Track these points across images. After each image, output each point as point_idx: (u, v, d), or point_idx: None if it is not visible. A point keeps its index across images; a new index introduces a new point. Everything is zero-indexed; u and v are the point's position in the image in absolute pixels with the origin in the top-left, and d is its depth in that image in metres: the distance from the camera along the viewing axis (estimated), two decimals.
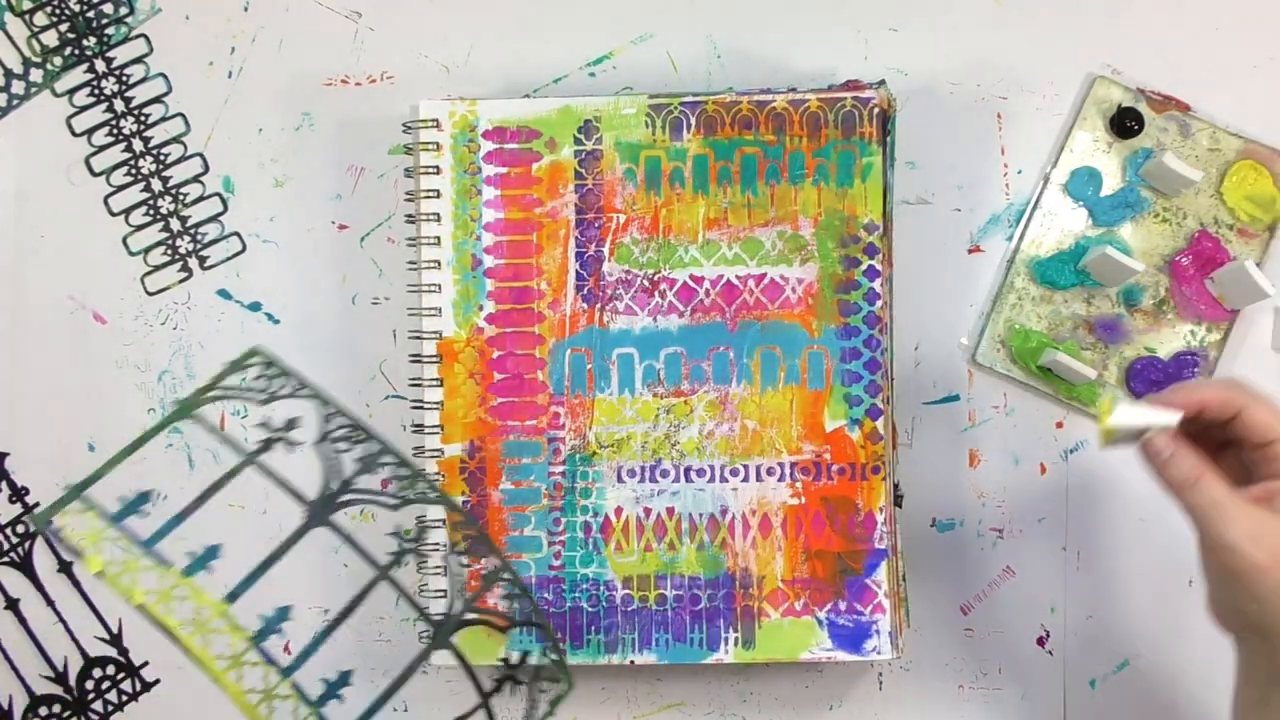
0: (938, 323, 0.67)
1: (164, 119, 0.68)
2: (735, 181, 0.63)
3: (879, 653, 0.62)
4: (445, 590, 0.63)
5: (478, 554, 0.59)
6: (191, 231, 0.68)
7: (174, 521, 0.51)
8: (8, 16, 0.69)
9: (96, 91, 0.68)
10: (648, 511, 0.63)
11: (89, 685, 0.67)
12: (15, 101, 0.69)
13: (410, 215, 0.66)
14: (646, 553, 0.63)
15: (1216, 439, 0.51)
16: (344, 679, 0.52)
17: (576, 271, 0.64)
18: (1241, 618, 0.50)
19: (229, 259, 0.68)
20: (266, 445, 0.54)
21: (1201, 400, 0.50)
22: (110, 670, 0.67)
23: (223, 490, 0.56)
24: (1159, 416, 0.50)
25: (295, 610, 0.66)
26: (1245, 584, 0.48)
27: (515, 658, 0.55)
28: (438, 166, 0.64)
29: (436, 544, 0.63)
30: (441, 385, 0.63)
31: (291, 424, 0.56)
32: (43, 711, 0.67)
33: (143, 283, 0.68)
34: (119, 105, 0.68)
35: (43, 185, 0.68)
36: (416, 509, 0.64)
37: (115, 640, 0.67)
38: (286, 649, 0.67)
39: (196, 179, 0.68)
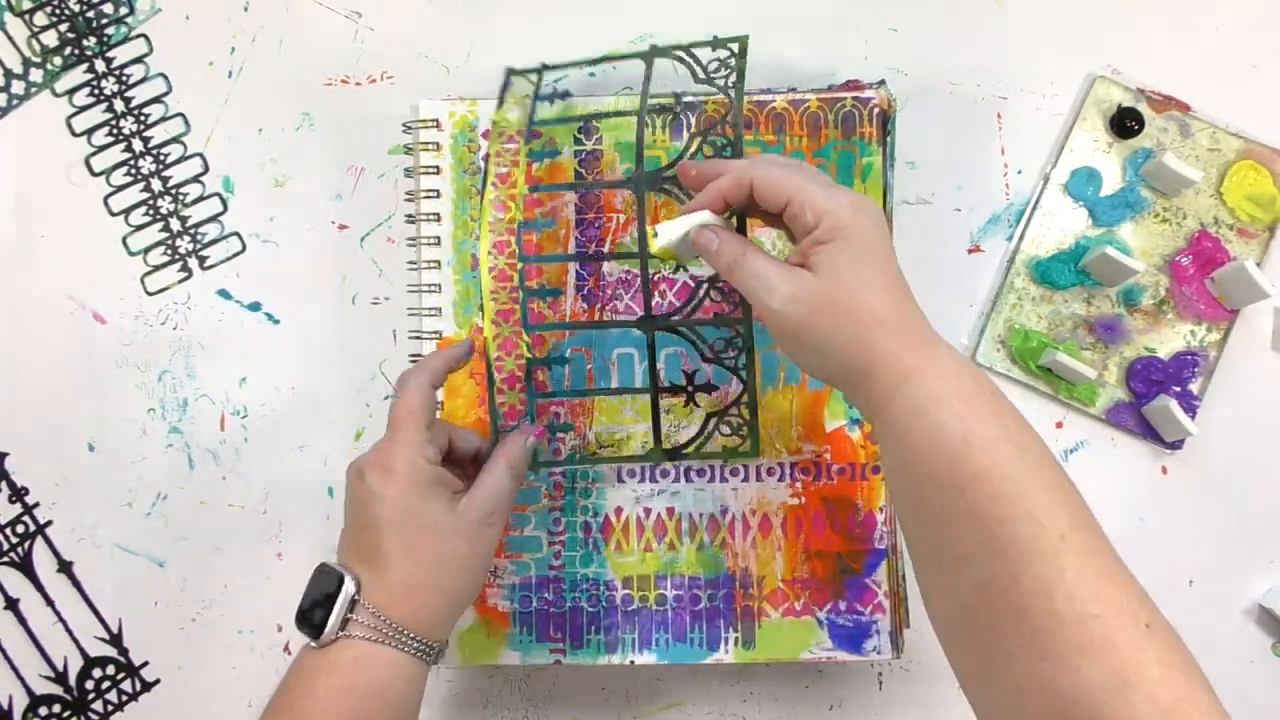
0: (938, 323, 0.66)
1: (164, 119, 0.68)
2: None
3: (879, 653, 0.62)
4: None
5: None
6: (191, 231, 0.68)
7: None
8: (8, 16, 0.69)
9: (96, 91, 0.68)
10: (648, 511, 0.63)
11: (89, 685, 0.67)
12: (15, 101, 0.69)
13: (410, 215, 0.66)
14: (646, 553, 0.63)
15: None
16: None
17: (576, 271, 0.64)
18: (816, 372, 0.51)
19: (229, 259, 0.68)
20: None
21: (720, 192, 0.51)
22: (110, 670, 0.67)
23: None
24: (694, 219, 0.52)
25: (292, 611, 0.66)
26: (799, 342, 0.49)
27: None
28: (438, 166, 0.64)
29: None
30: (442, 385, 0.63)
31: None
32: (43, 711, 0.67)
33: (143, 283, 0.68)
34: (119, 105, 0.68)
35: (43, 185, 0.68)
36: None
37: (115, 640, 0.67)
38: (286, 648, 0.67)
39: (196, 179, 0.68)
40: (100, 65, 0.68)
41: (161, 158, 0.68)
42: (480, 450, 0.59)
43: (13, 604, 0.68)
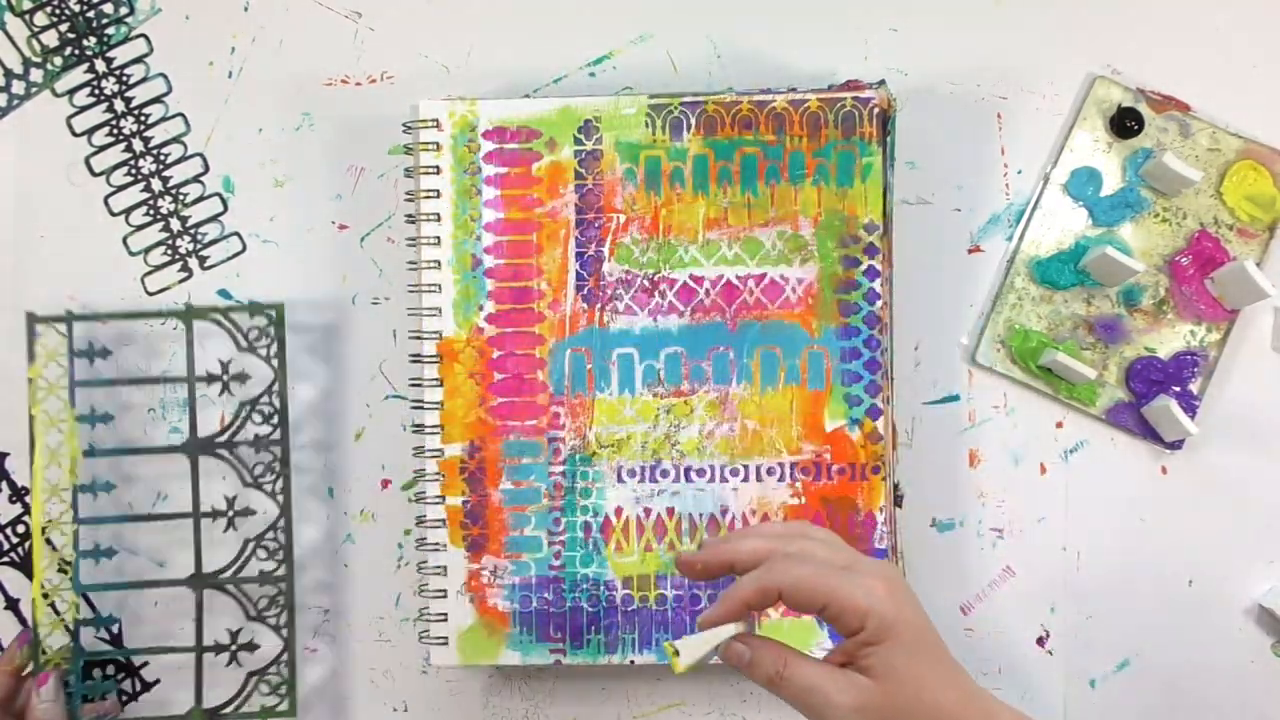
0: (938, 323, 0.67)
1: (164, 119, 0.68)
2: (735, 181, 0.63)
3: None
4: (445, 590, 0.63)
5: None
6: (191, 231, 0.68)
7: None
8: (8, 16, 0.69)
9: (96, 91, 0.68)
10: (648, 511, 0.63)
11: (88, 685, 0.67)
12: (15, 101, 0.69)
13: (410, 215, 0.66)
14: (646, 553, 0.63)
15: None
16: None
17: (576, 271, 0.64)
18: None
19: (229, 259, 0.68)
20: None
21: (743, 602, 0.47)
22: (110, 670, 0.67)
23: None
24: (719, 633, 0.48)
25: (300, 609, 0.66)
26: None
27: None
28: (437, 166, 0.64)
29: (437, 544, 0.63)
30: (441, 385, 0.63)
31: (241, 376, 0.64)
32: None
33: (143, 283, 0.68)
34: (119, 105, 0.68)
35: (43, 185, 0.68)
36: (416, 509, 0.64)
37: (115, 640, 0.67)
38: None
39: (196, 179, 0.68)
40: (100, 65, 0.68)
41: (161, 158, 0.68)
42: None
43: (13, 604, 0.68)
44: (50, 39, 0.68)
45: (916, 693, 0.46)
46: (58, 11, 0.68)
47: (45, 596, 0.64)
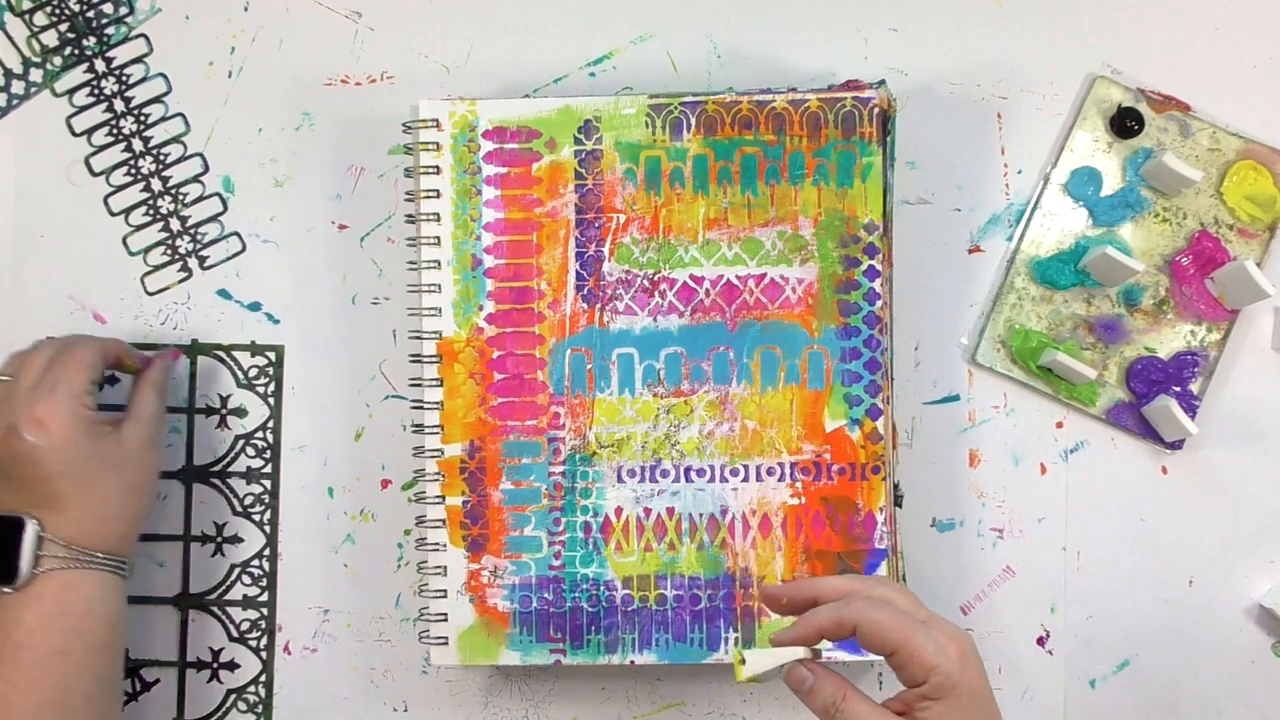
0: (938, 323, 0.67)
1: (164, 119, 0.68)
2: (735, 181, 0.63)
3: None
4: (445, 590, 0.63)
5: None
6: (191, 231, 0.68)
7: None
8: (8, 16, 0.69)
9: (96, 91, 0.68)
10: (648, 511, 0.63)
11: None
12: (15, 101, 0.69)
13: (410, 215, 0.66)
14: (646, 553, 0.63)
15: None
16: None
17: (576, 271, 0.64)
18: None
19: (229, 259, 0.68)
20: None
21: (818, 628, 0.49)
22: None
23: None
24: (788, 654, 0.49)
25: (292, 611, 0.66)
26: None
27: None
28: (437, 166, 0.64)
29: (437, 544, 0.63)
30: (441, 385, 0.63)
31: None
32: None
33: (143, 283, 0.68)
34: (119, 105, 0.68)
35: (43, 185, 0.68)
36: (416, 509, 0.64)
37: None
38: (286, 649, 0.68)
39: (196, 179, 0.68)
40: (100, 65, 0.68)
41: (161, 158, 0.68)
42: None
43: None
44: (50, 39, 0.68)
45: None
46: (58, 11, 0.69)
47: None
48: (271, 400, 0.67)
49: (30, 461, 0.56)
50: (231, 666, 0.67)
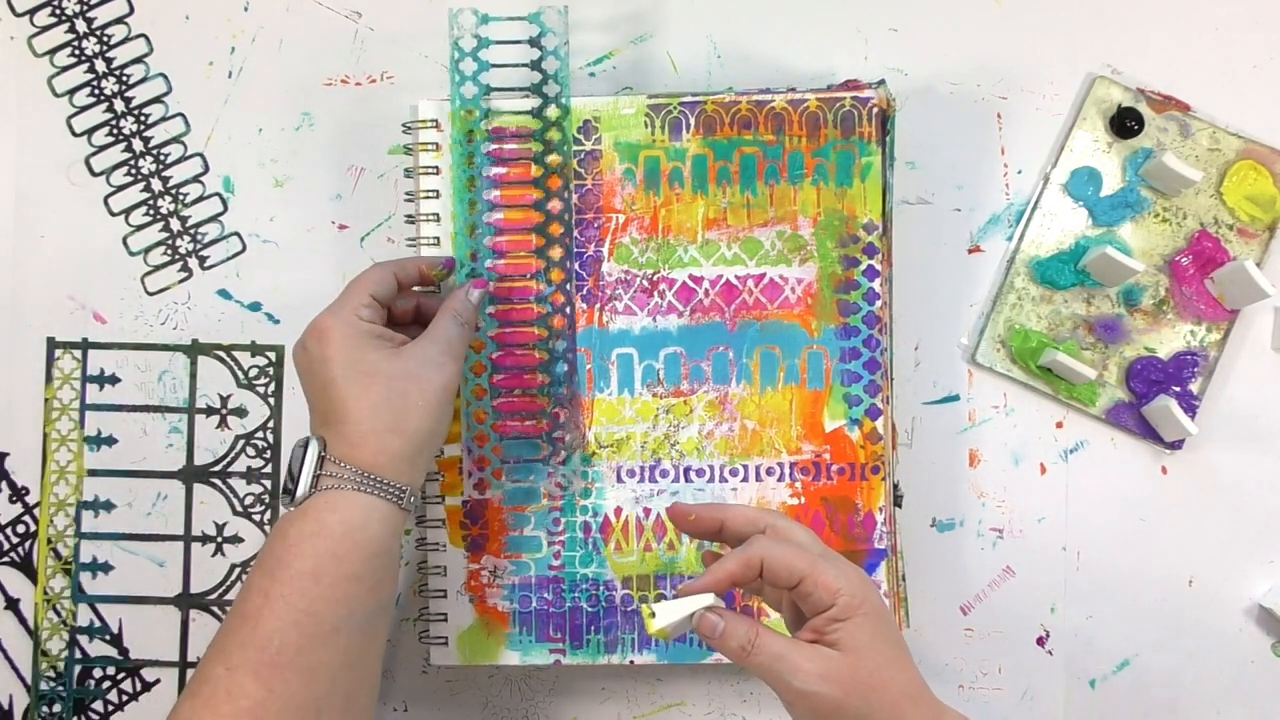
0: (938, 323, 0.67)
1: (164, 119, 0.68)
2: (734, 181, 0.63)
3: None
4: (445, 590, 0.63)
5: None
6: (191, 231, 0.68)
7: None
8: (8, 16, 0.69)
9: (96, 91, 0.68)
10: (647, 511, 0.63)
11: (89, 685, 0.67)
12: (15, 101, 0.69)
13: (410, 215, 0.66)
14: (646, 553, 0.63)
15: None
16: None
17: (576, 271, 0.64)
18: None
19: (229, 259, 0.68)
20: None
21: (729, 574, 0.50)
22: (110, 670, 0.67)
23: None
24: (695, 602, 0.50)
25: None
26: None
27: None
28: (437, 167, 0.64)
29: (437, 544, 0.63)
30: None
31: None
32: (43, 711, 0.67)
33: (143, 283, 0.68)
34: (119, 105, 0.68)
35: (43, 185, 0.68)
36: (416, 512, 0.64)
37: (115, 640, 0.67)
38: None
39: (196, 179, 0.68)
40: (100, 65, 0.68)
41: (161, 158, 0.68)
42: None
43: (13, 604, 0.68)
44: (50, 39, 0.68)
45: (877, 668, 0.49)
46: (58, 11, 0.69)
47: (48, 601, 0.66)
48: (272, 400, 0.67)
49: (310, 372, 0.56)
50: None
